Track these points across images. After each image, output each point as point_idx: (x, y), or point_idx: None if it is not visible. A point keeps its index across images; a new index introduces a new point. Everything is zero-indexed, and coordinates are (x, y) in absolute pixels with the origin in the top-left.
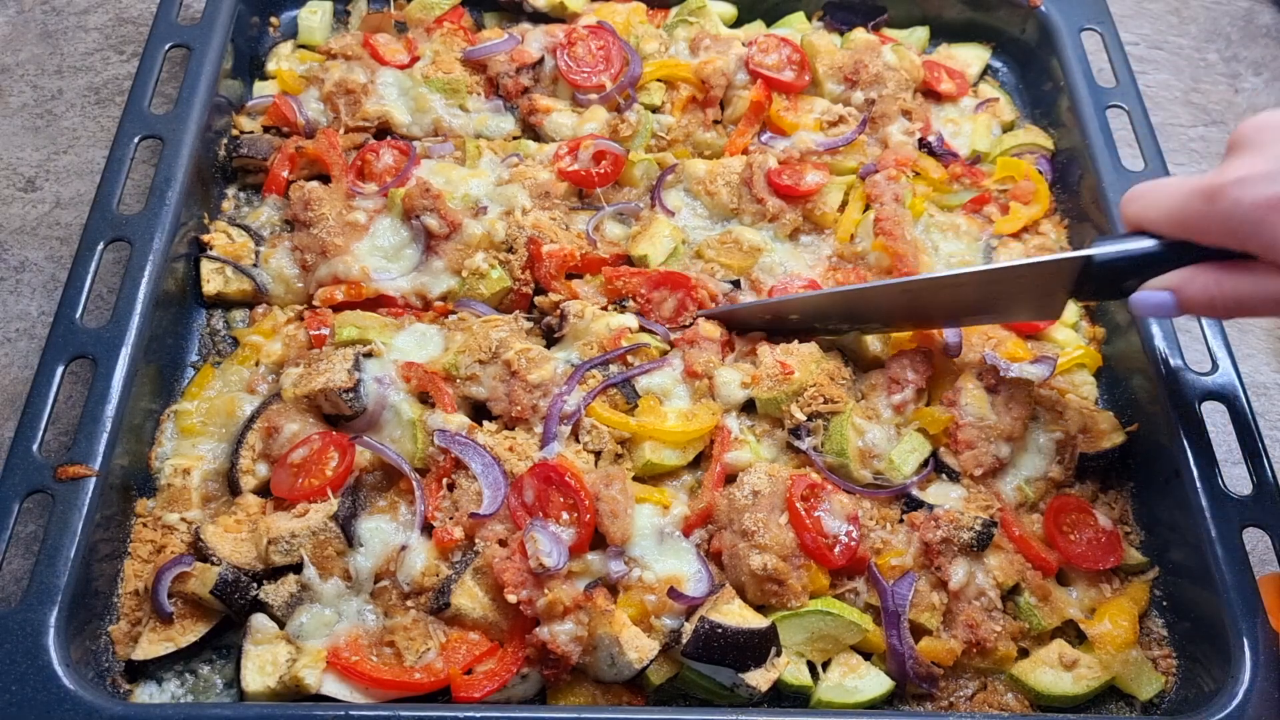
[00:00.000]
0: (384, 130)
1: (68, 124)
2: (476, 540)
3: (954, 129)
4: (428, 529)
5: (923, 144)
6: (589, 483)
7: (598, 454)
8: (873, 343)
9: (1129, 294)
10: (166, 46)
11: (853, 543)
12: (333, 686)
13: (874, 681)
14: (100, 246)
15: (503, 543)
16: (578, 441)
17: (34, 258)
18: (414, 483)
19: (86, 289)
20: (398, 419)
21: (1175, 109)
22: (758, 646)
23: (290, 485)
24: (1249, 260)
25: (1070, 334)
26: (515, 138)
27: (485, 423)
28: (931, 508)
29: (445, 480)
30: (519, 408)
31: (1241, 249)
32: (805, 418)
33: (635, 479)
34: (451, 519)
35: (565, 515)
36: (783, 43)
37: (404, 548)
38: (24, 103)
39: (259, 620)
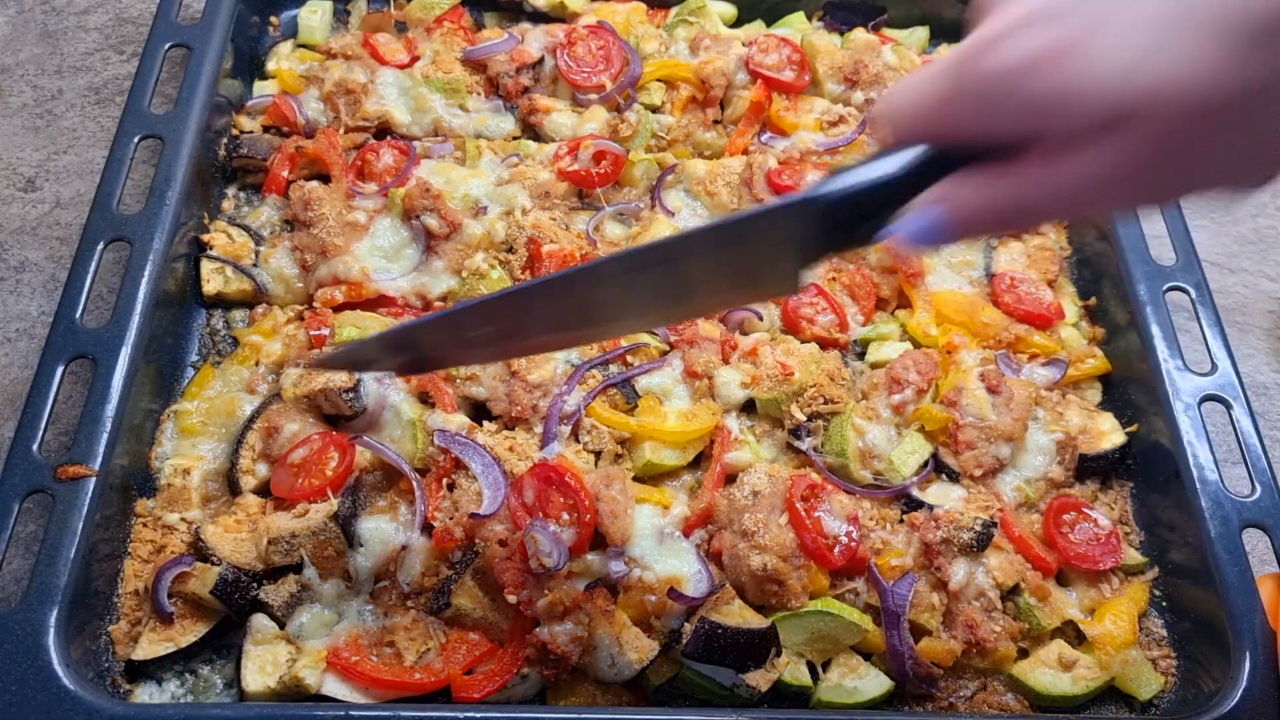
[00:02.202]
0: (384, 130)
1: (68, 124)
2: (476, 540)
3: None
4: (428, 529)
5: None
6: (589, 483)
7: (598, 454)
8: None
9: (880, 231)
10: (166, 46)
11: (853, 543)
12: (333, 686)
13: (874, 682)
14: (100, 246)
15: (503, 543)
16: (577, 441)
17: (34, 258)
18: (414, 483)
19: (86, 289)
20: (398, 419)
21: None
22: (758, 647)
23: (290, 485)
24: (1021, 153)
25: (1072, 332)
26: (515, 138)
27: (485, 423)
28: (931, 508)
29: (445, 480)
30: (519, 408)
31: (1005, 132)
32: (805, 418)
33: (635, 479)
34: (451, 519)
35: (565, 515)
36: (783, 43)
37: (404, 548)
38: (24, 103)
39: (259, 620)
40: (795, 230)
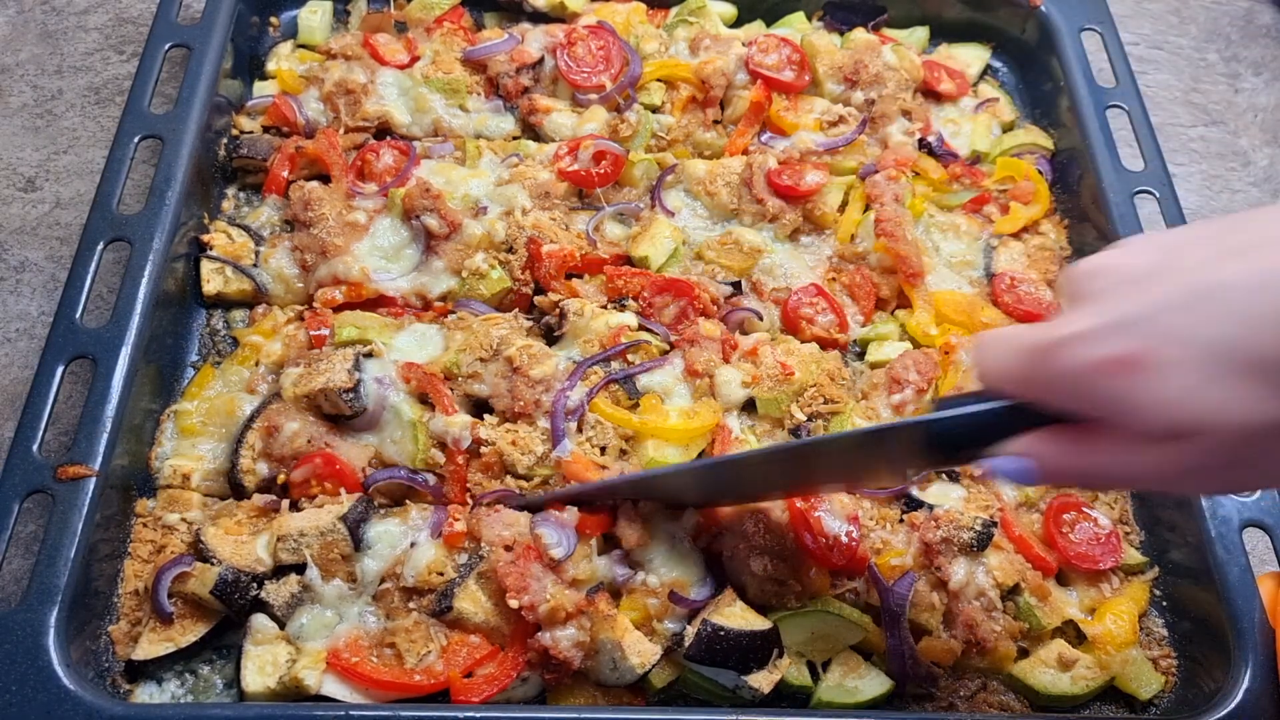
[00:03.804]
0: (384, 130)
1: (68, 124)
2: (481, 544)
3: (954, 129)
4: (437, 533)
5: (923, 144)
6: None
7: (603, 449)
8: None
9: (980, 459)
10: (166, 46)
11: (853, 543)
12: (332, 687)
13: (874, 681)
14: (100, 246)
15: (508, 547)
16: (580, 434)
17: (34, 258)
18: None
19: (86, 289)
20: (398, 419)
21: (1175, 109)
22: (760, 648)
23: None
24: (1098, 425)
25: None
26: (515, 138)
27: (486, 416)
28: (931, 508)
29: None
30: (521, 403)
31: (1082, 415)
32: (805, 418)
33: None
34: (459, 520)
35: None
36: (783, 43)
37: (412, 545)
38: (24, 103)
39: (259, 621)
40: (914, 442)
